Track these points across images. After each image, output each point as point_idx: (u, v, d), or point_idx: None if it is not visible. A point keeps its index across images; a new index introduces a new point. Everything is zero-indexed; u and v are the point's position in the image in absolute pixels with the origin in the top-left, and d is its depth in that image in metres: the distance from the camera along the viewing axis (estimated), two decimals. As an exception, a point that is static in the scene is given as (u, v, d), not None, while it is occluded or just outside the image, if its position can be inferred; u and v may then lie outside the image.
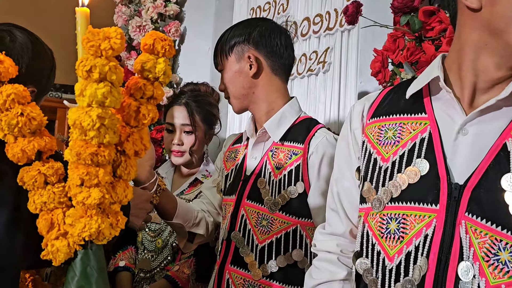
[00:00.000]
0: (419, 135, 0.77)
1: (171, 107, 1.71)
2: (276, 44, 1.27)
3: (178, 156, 1.67)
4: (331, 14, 1.87)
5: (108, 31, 0.69)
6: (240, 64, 1.26)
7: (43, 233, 0.76)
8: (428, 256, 0.70)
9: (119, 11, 2.70)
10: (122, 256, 1.67)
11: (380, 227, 0.77)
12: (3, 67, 0.73)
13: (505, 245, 0.65)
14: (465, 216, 0.69)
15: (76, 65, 0.69)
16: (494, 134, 0.71)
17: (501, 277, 0.65)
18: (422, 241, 0.71)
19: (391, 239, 0.75)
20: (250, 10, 2.30)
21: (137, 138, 0.76)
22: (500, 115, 0.73)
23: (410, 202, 0.74)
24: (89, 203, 0.72)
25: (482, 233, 0.67)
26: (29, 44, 1.08)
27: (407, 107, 0.81)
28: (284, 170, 1.19)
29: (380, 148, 0.81)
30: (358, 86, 1.70)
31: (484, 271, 0.66)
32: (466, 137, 0.73)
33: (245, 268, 1.22)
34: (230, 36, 1.28)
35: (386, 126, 0.82)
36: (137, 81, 0.75)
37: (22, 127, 0.73)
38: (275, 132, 1.24)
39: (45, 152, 0.77)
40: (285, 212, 1.19)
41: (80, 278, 0.76)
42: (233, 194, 1.29)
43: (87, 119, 0.68)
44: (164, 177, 1.76)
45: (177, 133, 1.67)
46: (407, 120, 0.80)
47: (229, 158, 1.39)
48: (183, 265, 1.58)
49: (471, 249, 0.67)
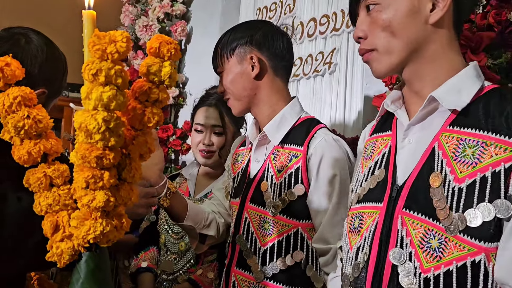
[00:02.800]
0: (383, 149, 0.89)
1: (200, 107, 1.70)
2: (278, 46, 1.27)
3: (207, 157, 1.67)
4: (338, 14, 1.87)
5: (114, 35, 0.69)
6: (242, 66, 1.25)
7: (48, 235, 0.76)
8: (371, 245, 0.83)
9: (126, 11, 2.71)
10: (144, 257, 1.68)
11: (350, 224, 0.90)
12: (10, 70, 0.73)
13: (434, 233, 0.76)
14: (402, 211, 0.80)
15: (82, 69, 0.69)
16: (429, 138, 0.81)
17: (431, 261, 0.75)
18: (369, 232, 0.84)
19: (354, 233, 0.88)
20: (256, 10, 2.30)
21: (142, 141, 0.76)
22: (437, 118, 0.82)
23: (367, 202, 0.87)
24: (94, 205, 0.72)
25: (418, 225, 0.78)
26: (43, 46, 1.10)
27: (380, 127, 0.94)
28: (285, 173, 1.19)
29: (363, 162, 0.94)
30: (364, 87, 1.70)
31: (419, 256, 0.76)
32: (410, 145, 0.84)
33: (249, 271, 1.22)
34: (231, 38, 1.28)
35: (369, 144, 0.95)
36: (143, 85, 0.75)
37: (28, 130, 0.73)
38: (275, 135, 1.24)
39: (51, 155, 0.77)
40: (286, 215, 1.18)
41: (85, 280, 0.77)
42: (238, 197, 1.29)
43: (93, 122, 0.68)
44: (188, 179, 1.75)
45: (207, 134, 1.66)
46: (378, 138, 0.93)
47: (235, 161, 1.39)
48: (207, 269, 1.58)
49: (408, 238, 0.78)
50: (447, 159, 0.77)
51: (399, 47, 0.83)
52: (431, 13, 0.82)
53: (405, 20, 0.82)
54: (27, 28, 1.13)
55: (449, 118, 0.80)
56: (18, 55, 1.04)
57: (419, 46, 0.83)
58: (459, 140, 0.77)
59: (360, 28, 0.87)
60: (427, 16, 0.82)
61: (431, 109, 0.82)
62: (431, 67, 0.83)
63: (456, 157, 0.77)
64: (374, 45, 0.85)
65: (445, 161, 0.77)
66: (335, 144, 1.19)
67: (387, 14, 0.82)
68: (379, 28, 0.84)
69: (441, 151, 0.78)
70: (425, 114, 0.83)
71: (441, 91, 0.81)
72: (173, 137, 2.43)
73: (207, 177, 1.75)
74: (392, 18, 0.82)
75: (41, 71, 1.07)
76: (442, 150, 0.79)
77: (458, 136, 0.78)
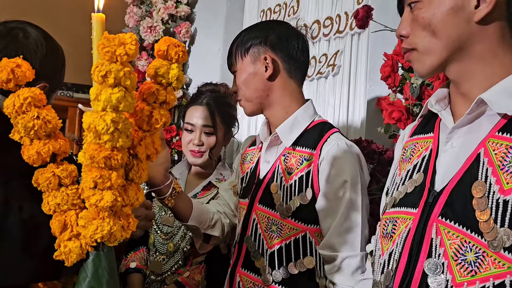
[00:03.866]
0: (424, 152, 0.85)
1: (190, 106, 1.69)
2: (293, 48, 1.26)
3: (197, 156, 1.65)
4: (342, 17, 1.88)
5: (123, 37, 0.70)
6: (256, 66, 1.25)
7: (56, 234, 0.77)
8: (402, 252, 0.79)
9: (130, 12, 2.73)
10: (134, 257, 1.67)
11: (383, 229, 0.86)
12: (20, 71, 0.74)
13: (472, 246, 0.71)
14: (438, 219, 0.75)
15: (92, 70, 0.70)
16: (474, 143, 0.76)
17: (465, 275, 0.70)
18: (401, 239, 0.80)
19: (386, 238, 0.84)
20: (260, 12, 2.31)
21: (149, 142, 0.78)
22: (485, 123, 0.76)
23: (402, 207, 0.83)
24: (102, 205, 0.73)
25: (454, 235, 0.73)
26: (42, 40, 1.08)
27: (422, 128, 0.90)
28: (295, 176, 1.18)
29: (401, 164, 0.90)
30: (368, 90, 1.71)
31: (452, 269, 0.72)
32: (453, 149, 0.79)
33: (255, 272, 1.21)
34: (246, 38, 1.27)
35: (409, 145, 0.90)
36: (150, 86, 0.76)
37: (38, 130, 0.74)
38: (287, 137, 1.23)
39: (60, 155, 0.78)
40: (295, 219, 1.18)
41: (92, 279, 0.78)
42: (246, 198, 1.28)
43: (102, 123, 0.69)
44: (178, 178, 1.74)
45: (197, 133, 1.65)
46: (419, 140, 0.88)
47: (245, 160, 1.38)
48: (194, 271, 1.58)
49: (442, 248, 0.74)
50: (493, 168, 0.72)
51: (440, 47, 0.78)
52: (475, 10, 0.75)
53: (446, 18, 0.77)
54: (23, 22, 1.10)
55: (499, 124, 0.74)
56: (18, 51, 1.03)
57: (464, 46, 0.77)
58: (508, 148, 0.71)
59: (402, 26, 0.83)
60: (472, 13, 0.76)
61: (479, 112, 0.77)
62: (479, 67, 0.78)
63: (503, 167, 0.71)
64: (414, 44, 0.81)
65: (490, 170, 0.72)
66: (348, 149, 1.17)
67: (428, 12, 0.78)
68: (420, 26, 0.80)
69: (487, 159, 0.73)
70: (472, 117, 0.78)
71: (491, 93, 0.75)
72: (176, 138, 2.44)
73: (197, 177, 1.75)
74: (432, 17, 0.78)
75: (41, 65, 1.05)
76: (488, 157, 0.73)
77: (507, 144, 0.72)
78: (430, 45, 0.79)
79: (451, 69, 0.80)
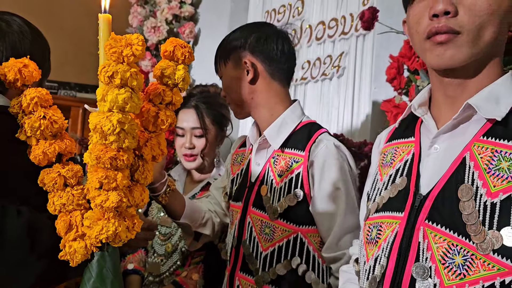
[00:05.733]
0: (405, 156, 0.85)
1: (180, 110, 1.69)
2: (273, 49, 1.25)
3: (190, 160, 1.67)
4: (347, 18, 1.88)
5: (130, 38, 0.70)
6: (237, 70, 1.25)
7: (62, 234, 0.77)
8: (389, 257, 0.78)
9: (134, 12, 2.73)
10: (132, 259, 1.67)
11: (367, 235, 0.86)
12: (27, 71, 0.74)
13: (459, 249, 0.70)
14: (425, 223, 0.75)
15: (99, 71, 0.70)
16: (459, 148, 0.76)
17: (453, 278, 0.70)
18: (387, 243, 0.79)
19: (371, 243, 0.83)
20: (265, 13, 2.31)
21: (155, 143, 0.77)
22: (470, 127, 0.77)
23: (386, 212, 0.83)
24: (107, 206, 0.73)
25: (441, 239, 0.73)
26: (25, 27, 1.06)
27: (401, 133, 0.90)
28: (285, 178, 1.18)
29: (381, 169, 0.89)
30: (372, 92, 1.70)
31: (440, 272, 0.72)
32: (438, 153, 0.79)
33: (251, 275, 1.21)
34: (227, 43, 1.28)
35: (388, 150, 0.90)
36: (157, 87, 0.76)
37: (44, 130, 0.74)
38: (275, 139, 1.22)
39: (65, 155, 0.78)
40: (284, 220, 1.17)
41: (96, 279, 0.78)
42: (240, 201, 1.28)
43: (108, 123, 0.69)
44: (177, 180, 1.75)
45: (188, 137, 1.66)
46: (400, 144, 0.88)
47: (235, 161, 1.39)
48: (192, 271, 1.58)
49: (429, 252, 0.73)
50: (479, 171, 0.72)
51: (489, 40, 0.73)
52: None
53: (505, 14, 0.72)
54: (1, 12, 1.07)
55: (484, 128, 0.75)
56: (6, 39, 1.01)
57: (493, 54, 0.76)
58: (493, 152, 0.72)
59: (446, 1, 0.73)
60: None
61: (465, 117, 0.77)
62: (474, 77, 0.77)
63: (489, 170, 0.71)
64: (463, 28, 0.72)
65: (476, 173, 0.72)
66: (336, 151, 1.18)
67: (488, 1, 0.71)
68: (482, 11, 0.71)
69: (473, 162, 0.73)
70: (457, 122, 0.78)
71: (478, 98, 0.75)
72: (180, 138, 2.44)
73: (195, 178, 1.76)
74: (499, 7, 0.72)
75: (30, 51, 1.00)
76: (474, 161, 0.73)
77: (492, 148, 0.73)
78: (482, 35, 0.73)
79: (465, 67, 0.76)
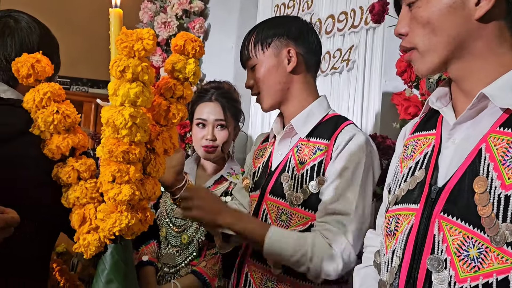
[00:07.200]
0: (426, 149, 0.84)
1: (200, 103, 1.71)
2: (312, 42, 1.27)
3: (211, 151, 1.68)
4: (356, 11, 1.86)
5: (141, 32, 0.71)
6: (278, 59, 1.25)
7: (76, 227, 0.79)
8: (405, 249, 0.78)
9: (145, 7, 2.74)
10: (145, 251, 1.70)
11: (386, 227, 0.86)
12: (40, 66, 0.75)
13: (474, 242, 0.70)
14: (440, 215, 0.75)
15: (110, 65, 0.71)
16: (476, 139, 0.75)
17: (468, 271, 0.70)
18: (403, 235, 0.80)
19: (390, 236, 0.84)
20: (274, 7, 2.30)
21: (167, 137, 0.78)
22: (487, 118, 0.76)
23: (404, 204, 0.83)
24: (120, 199, 0.74)
25: (456, 231, 0.73)
26: (33, 23, 1.08)
27: (423, 125, 0.89)
28: (307, 165, 1.19)
29: (402, 161, 0.89)
30: (383, 85, 1.69)
31: (455, 265, 0.72)
32: (455, 145, 0.79)
33: (264, 263, 1.22)
34: (267, 31, 1.27)
35: (410, 142, 0.90)
36: (168, 81, 0.77)
37: (57, 124, 0.76)
38: (302, 128, 1.23)
39: (78, 149, 0.79)
40: (305, 207, 1.18)
41: (110, 271, 0.79)
42: (258, 190, 1.29)
43: (120, 117, 0.70)
44: (188, 173, 1.76)
45: (210, 128, 1.67)
46: (421, 137, 0.88)
47: (258, 156, 1.40)
48: (210, 261, 1.59)
49: (445, 244, 0.73)
50: (495, 163, 0.71)
51: (440, 45, 0.77)
52: (476, 7, 0.75)
53: (446, 16, 0.76)
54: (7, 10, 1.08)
55: (500, 119, 0.74)
56: (15, 34, 1.02)
57: (464, 44, 0.77)
58: (509, 143, 0.71)
59: (401, 24, 0.82)
60: (472, 11, 0.75)
61: (481, 107, 0.77)
62: (480, 64, 0.77)
63: (505, 162, 0.70)
64: (415, 44, 0.80)
65: (492, 165, 0.71)
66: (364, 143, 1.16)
67: (426, 10, 0.77)
68: (419, 25, 0.78)
69: (488, 154, 0.73)
70: (473, 112, 0.77)
71: (493, 88, 0.74)
72: (190, 133, 2.45)
73: (207, 171, 1.77)
74: (431, 15, 0.77)
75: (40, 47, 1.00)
76: (489, 152, 0.73)
77: (508, 139, 0.72)
78: (431, 44, 0.78)
79: (452, 67, 0.79)
